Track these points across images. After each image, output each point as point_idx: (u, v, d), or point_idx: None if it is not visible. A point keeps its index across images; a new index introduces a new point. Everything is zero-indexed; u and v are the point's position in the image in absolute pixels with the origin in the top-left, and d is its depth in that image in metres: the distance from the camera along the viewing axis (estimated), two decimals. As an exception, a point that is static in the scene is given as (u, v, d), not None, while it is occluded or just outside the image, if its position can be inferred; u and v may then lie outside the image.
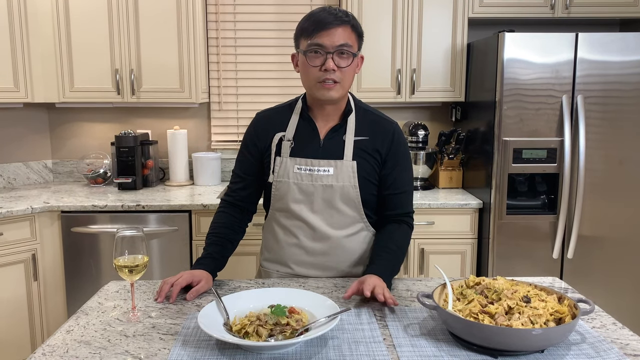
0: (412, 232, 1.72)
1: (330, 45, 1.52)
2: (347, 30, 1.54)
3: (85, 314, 1.41)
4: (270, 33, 3.44)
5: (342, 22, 1.53)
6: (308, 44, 1.55)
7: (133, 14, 3.07)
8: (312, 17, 1.55)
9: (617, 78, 2.74)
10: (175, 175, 3.38)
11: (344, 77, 1.57)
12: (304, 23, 1.57)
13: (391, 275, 1.59)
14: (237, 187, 1.75)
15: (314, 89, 1.59)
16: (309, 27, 1.54)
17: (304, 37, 1.56)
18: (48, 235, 2.86)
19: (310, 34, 1.53)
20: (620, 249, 2.86)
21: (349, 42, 1.54)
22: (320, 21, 1.52)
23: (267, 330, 1.22)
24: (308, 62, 1.56)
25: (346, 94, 1.64)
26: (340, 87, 1.58)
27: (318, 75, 1.55)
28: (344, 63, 1.55)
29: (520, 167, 2.80)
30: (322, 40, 1.52)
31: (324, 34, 1.52)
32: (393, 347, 1.22)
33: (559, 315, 1.22)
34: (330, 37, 1.52)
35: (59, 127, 3.53)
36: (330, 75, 1.54)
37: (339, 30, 1.53)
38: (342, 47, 1.53)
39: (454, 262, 2.99)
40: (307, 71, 1.58)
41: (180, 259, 2.90)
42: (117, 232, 1.36)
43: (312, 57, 1.55)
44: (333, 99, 1.59)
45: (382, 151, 1.65)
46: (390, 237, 1.66)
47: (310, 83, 1.59)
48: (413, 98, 3.20)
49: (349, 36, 1.55)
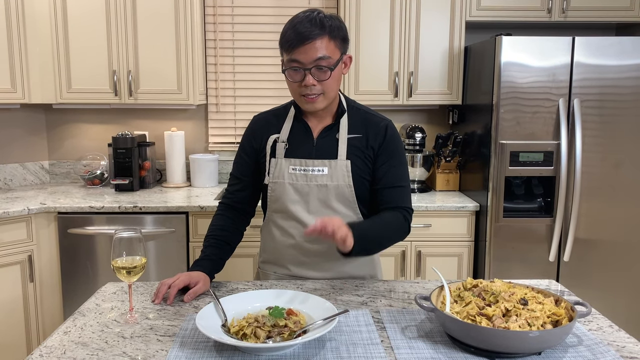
0: (407, 227, 1.64)
1: (307, 62, 1.52)
2: (325, 41, 1.52)
3: (83, 316, 1.41)
4: (267, 35, 3.44)
5: (319, 34, 1.51)
6: (287, 59, 1.56)
7: (131, 16, 3.07)
8: (292, 28, 1.53)
9: (613, 82, 2.76)
10: (173, 176, 3.38)
11: (327, 87, 1.57)
12: (285, 33, 1.55)
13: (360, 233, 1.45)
14: (235, 189, 1.75)
15: (299, 102, 1.63)
16: (286, 42, 1.53)
17: (284, 50, 1.56)
18: (44, 236, 2.85)
19: (288, 49, 1.53)
20: (616, 252, 2.87)
21: (327, 54, 1.52)
22: (298, 34, 1.51)
23: (265, 332, 1.22)
24: (288, 79, 1.58)
25: (334, 99, 1.64)
26: (324, 97, 1.59)
27: (300, 90, 1.57)
28: (324, 76, 1.55)
29: (517, 170, 2.81)
30: (299, 57, 1.52)
31: (301, 50, 1.51)
32: (391, 349, 1.22)
33: (556, 317, 1.22)
34: (306, 53, 1.51)
35: (56, 128, 3.52)
36: (310, 91, 1.55)
37: (316, 43, 1.51)
38: (320, 61, 1.52)
39: (450, 265, 2.99)
40: (289, 86, 1.61)
41: (177, 260, 2.90)
42: (115, 234, 1.36)
43: (292, 74, 1.56)
44: (318, 109, 1.61)
45: (375, 147, 1.65)
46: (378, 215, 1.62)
47: (295, 96, 1.63)
48: (410, 101, 3.21)
49: (326, 47, 1.53)
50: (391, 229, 1.61)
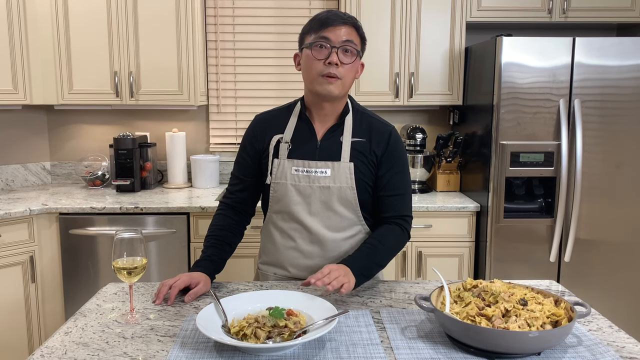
0: (406, 236, 1.68)
1: (335, 40, 1.57)
2: (353, 31, 1.60)
3: (84, 316, 1.41)
4: (268, 36, 3.45)
5: (351, 22, 1.60)
6: (314, 37, 1.59)
7: (132, 17, 3.08)
8: (319, 16, 1.61)
9: (614, 82, 2.76)
10: (174, 177, 3.38)
11: (346, 74, 1.59)
12: (310, 22, 1.63)
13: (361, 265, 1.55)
14: (236, 189, 1.76)
15: (315, 83, 1.60)
16: (315, 24, 1.60)
17: (310, 33, 1.61)
18: (46, 237, 2.85)
19: (317, 29, 1.59)
20: (617, 253, 2.87)
21: (354, 40, 1.60)
22: (327, 18, 1.59)
23: (265, 332, 1.22)
24: (313, 55, 1.59)
25: (345, 94, 1.66)
26: (341, 83, 1.60)
27: (321, 68, 1.58)
28: (348, 60, 1.59)
29: (518, 171, 2.81)
30: (328, 35, 1.57)
31: (330, 29, 1.57)
32: (390, 350, 1.22)
33: (556, 318, 1.22)
34: (335, 32, 1.57)
35: (58, 129, 3.53)
36: (333, 70, 1.57)
37: (344, 28, 1.58)
38: (347, 43, 1.58)
39: (451, 265, 2.99)
40: (310, 64, 1.60)
41: (178, 261, 2.90)
42: (116, 234, 1.37)
43: (317, 51, 1.58)
44: (332, 95, 1.60)
45: (378, 153, 1.66)
46: (375, 233, 1.66)
47: (312, 76, 1.61)
48: (411, 101, 3.21)
49: (354, 35, 1.60)
50: (389, 248, 1.65)
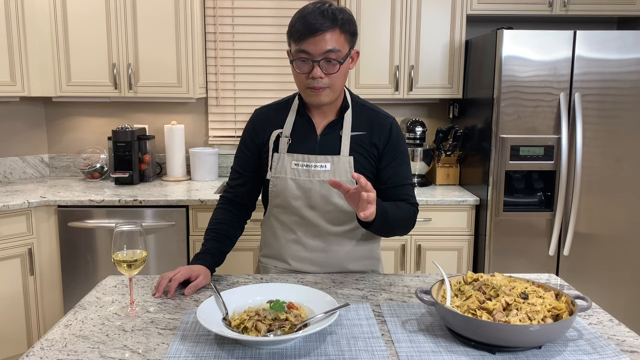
0: (415, 219, 1.67)
1: (315, 53, 1.50)
2: (336, 34, 1.51)
3: (84, 309, 1.41)
4: (268, 28, 3.43)
5: (330, 27, 1.49)
6: (295, 50, 1.53)
7: (131, 9, 3.06)
8: (302, 18, 1.51)
9: (614, 76, 2.75)
10: (173, 170, 3.37)
11: (334, 81, 1.55)
12: (295, 23, 1.53)
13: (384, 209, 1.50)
14: (236, 183, 1.75)
15: (305, 94, 1.60)
16: (296, 32, 1.51)
17: (292, 40, 1.54)
18: (44, 229, 2.85)
19: (297, 40, 1.51)
20: (616, 246, 2.87)
21: (337, 47, 1.51)
22: (308, 25, 1.49)
23: (266, 325, 1.22)
24: (295, 70, 1.56)
25: (339, 94, 1.63)
26: (330, 91, 1.57)
27: (306, 82, 1.55)
28: (332, 69, 1.53)
29: (518, 164, 2.80)
30: (309, 48, 1.50)
31: (311, 41, 1.49)
32: (391, 343, 1.22)
33: (557, 311, 1.22)
34: (316, 44, 1.49)
35: (56, 121, 3.51)
36: (317, 83, 1.53)
37: (326, 35, 1.49)
38: (329, 53, 1.50)
39: (450, 259, 3.00)
40: (296, 76, 1.58)
41: (177, 254, 2.90)
42: (115, 227, 1.36)
43: (300, 65, 1.54)
44: (323, 104, 1.60)
45: (379, 145, 1.65)
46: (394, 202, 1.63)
47: (300, 88, 1.60)
48: (411, 94, 3.20)
49: (337, 40, 1.51)
50: (405, 216, 1.62)
